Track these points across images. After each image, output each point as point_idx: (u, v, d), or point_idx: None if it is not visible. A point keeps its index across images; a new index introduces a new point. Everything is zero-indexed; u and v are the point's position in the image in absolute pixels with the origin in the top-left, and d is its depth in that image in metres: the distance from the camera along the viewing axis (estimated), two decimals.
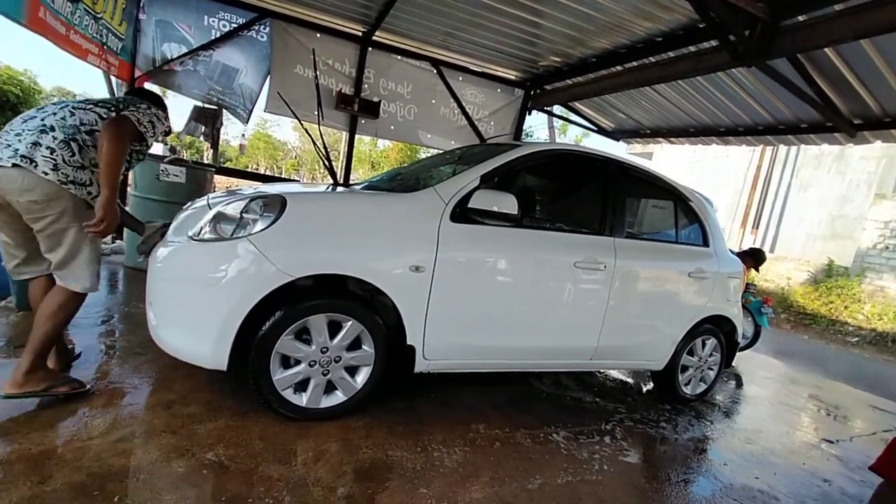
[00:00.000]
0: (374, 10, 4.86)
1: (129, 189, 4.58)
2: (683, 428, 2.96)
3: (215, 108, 4.93)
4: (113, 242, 4.95)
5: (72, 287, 1.94)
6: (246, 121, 5.28)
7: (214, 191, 3.88)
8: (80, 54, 3.81)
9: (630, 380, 3.75)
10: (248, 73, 5.03)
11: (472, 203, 2.27)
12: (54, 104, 2.00)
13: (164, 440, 1.82)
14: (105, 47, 4.20)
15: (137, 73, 4.67)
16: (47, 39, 3.27)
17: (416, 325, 2.22)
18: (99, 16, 3.99)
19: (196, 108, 4.89)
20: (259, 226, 1.94)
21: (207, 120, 4.90)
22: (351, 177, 6.41)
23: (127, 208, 4.40)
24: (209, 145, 5.02)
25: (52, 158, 1.81)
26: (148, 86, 4.91)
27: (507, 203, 2.29)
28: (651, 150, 14.90)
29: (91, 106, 2.02)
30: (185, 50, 4.76)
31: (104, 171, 1.84)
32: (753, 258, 5.41)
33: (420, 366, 2.31)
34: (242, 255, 1.90)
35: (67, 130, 1.88)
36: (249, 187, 2.71)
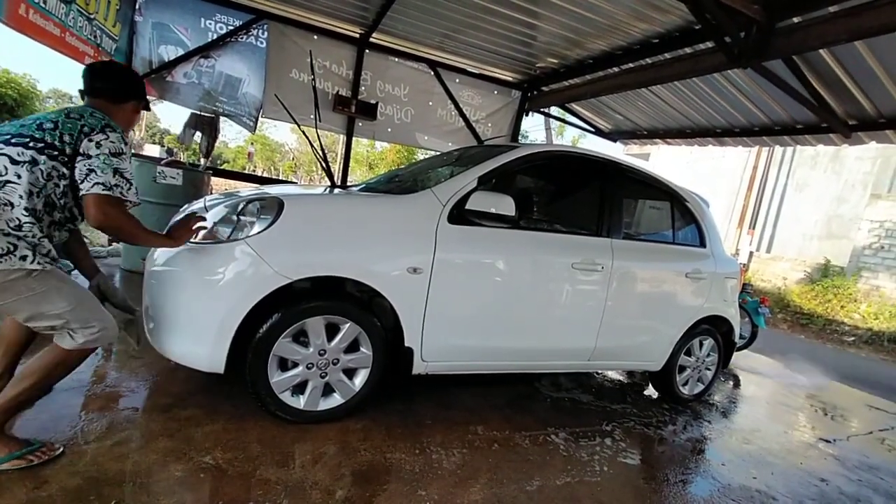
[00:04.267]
0: (372, 11, 4.86)
1: None
2: (681, 428, 2.97)
3: (212, 115, 4.91)
4: (109, 245, 4.93)
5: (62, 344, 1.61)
6: (253, 129, 5.27)
7: (211, 193, 3.87)
8: (77, 56, 3.80)
9: (628, 380, 3.75)
10: (251, 81, 5.04)
11: (470, 205, 2.28)
12: None
13: (161, 444, 1.82)
14: (100, 49, 4.19)
15: None
16: (31, 38, 3.24)
17: (414, 327, 2.22)
18: (92, 17, 3.97)
19: (193, 115, 4.88)
20: (256, 228, 1.94)
21: (204, 128, 4.88)
22: (348, 178, 6.40)
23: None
24: (203, 154, 4.99)
25: None
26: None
27: (505, 204, 2.29)
28: (648, 151, 14.94)
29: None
30: (181, 52, 4.75)
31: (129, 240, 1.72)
32: None
33: (418, 367, 2.31)
34: (239, 257, 1.90)
35: None
36: (247, 189, 2.70)
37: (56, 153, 1.56)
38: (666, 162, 15.20)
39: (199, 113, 4.88)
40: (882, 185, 10.77)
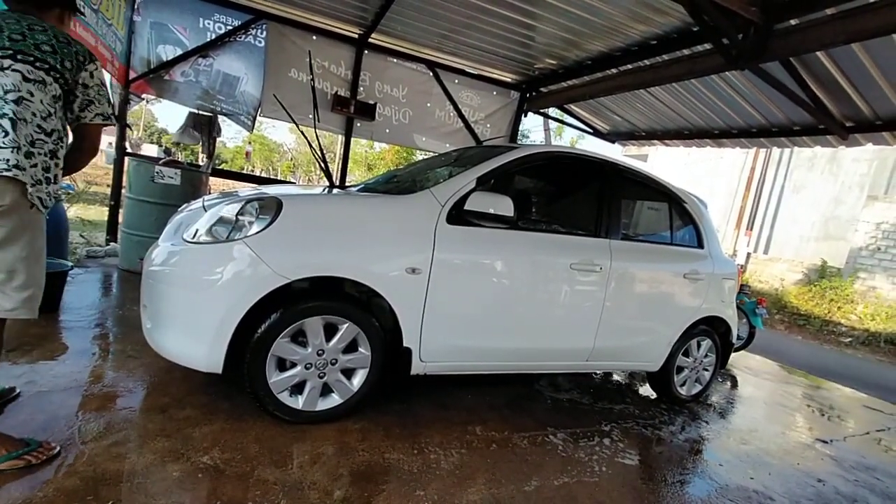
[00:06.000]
0: (371, 12, 4.87)
1: (123, 191, 4.55)
2: (679, 429, 2.97)
3: (210, 115, 4.91)
4: (107, 245, 4.92)
5: None
6: (251, 128, 5.26)
7: (210, 193, 3.86)
8: (103, 65, 3.83)
9: (626, 381, 3.76)
10: (248, 80, 5.03)
11: (469, 205, 2.28)
12: None
13: (158, 444, 1.81)
14: (114, 53, 4.21)
15: (133, 75, 4.65)
16: None
17: (413, 327, 2.22)
18: (109, 22, 4.00)
19: (191, 114, 4.87)
20: (255, 228, 1.93)
21: (203, 127, 4.87)
22: (347, 179, 6.40)
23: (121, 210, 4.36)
24: (205, 155, 4.98)
25: None
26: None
27: (504, 205, 2.29)
28: (646, 152, 14.98)
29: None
30: (179, 52, 4.75)
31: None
32: None
33: (416, 368, 2.31)
34: (238, 257, 1.89)
35: None
36: (245, 189, 2.70)
37: (59, 77, 1.56)
38: (664, 163, 15.24)
39: (196, 112, 4.88)
40: (878, 186, 10.82)
